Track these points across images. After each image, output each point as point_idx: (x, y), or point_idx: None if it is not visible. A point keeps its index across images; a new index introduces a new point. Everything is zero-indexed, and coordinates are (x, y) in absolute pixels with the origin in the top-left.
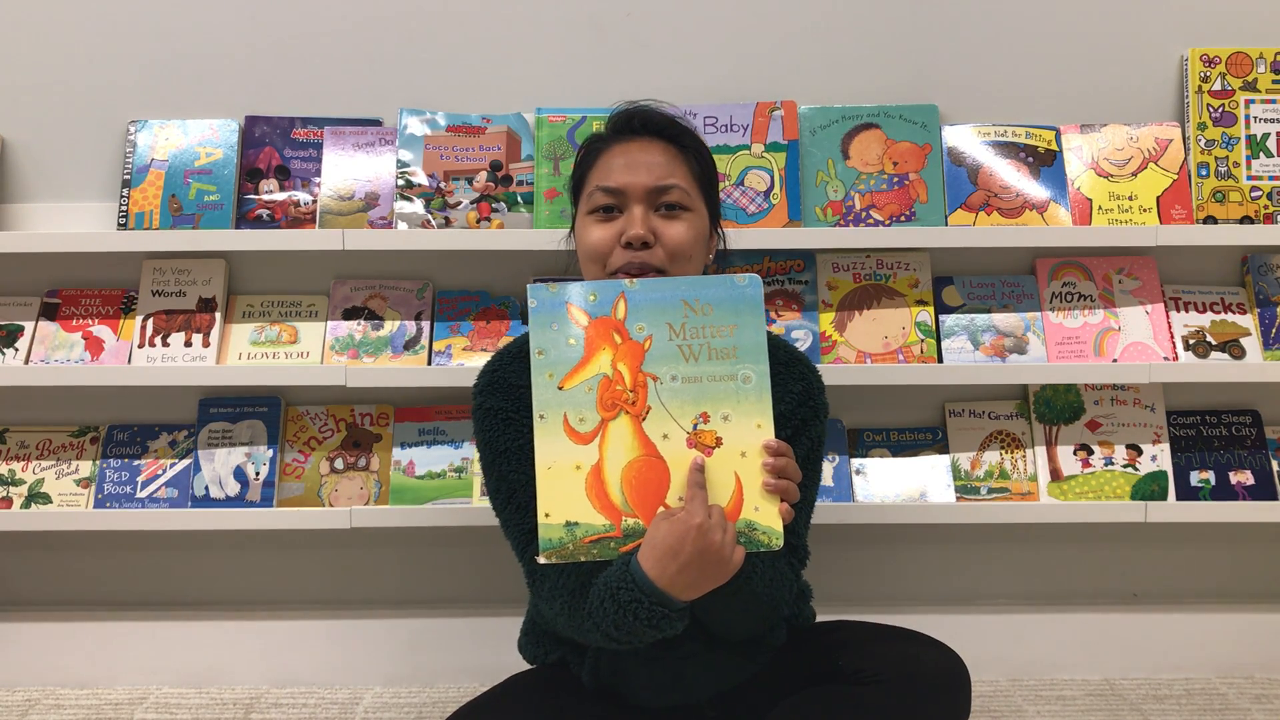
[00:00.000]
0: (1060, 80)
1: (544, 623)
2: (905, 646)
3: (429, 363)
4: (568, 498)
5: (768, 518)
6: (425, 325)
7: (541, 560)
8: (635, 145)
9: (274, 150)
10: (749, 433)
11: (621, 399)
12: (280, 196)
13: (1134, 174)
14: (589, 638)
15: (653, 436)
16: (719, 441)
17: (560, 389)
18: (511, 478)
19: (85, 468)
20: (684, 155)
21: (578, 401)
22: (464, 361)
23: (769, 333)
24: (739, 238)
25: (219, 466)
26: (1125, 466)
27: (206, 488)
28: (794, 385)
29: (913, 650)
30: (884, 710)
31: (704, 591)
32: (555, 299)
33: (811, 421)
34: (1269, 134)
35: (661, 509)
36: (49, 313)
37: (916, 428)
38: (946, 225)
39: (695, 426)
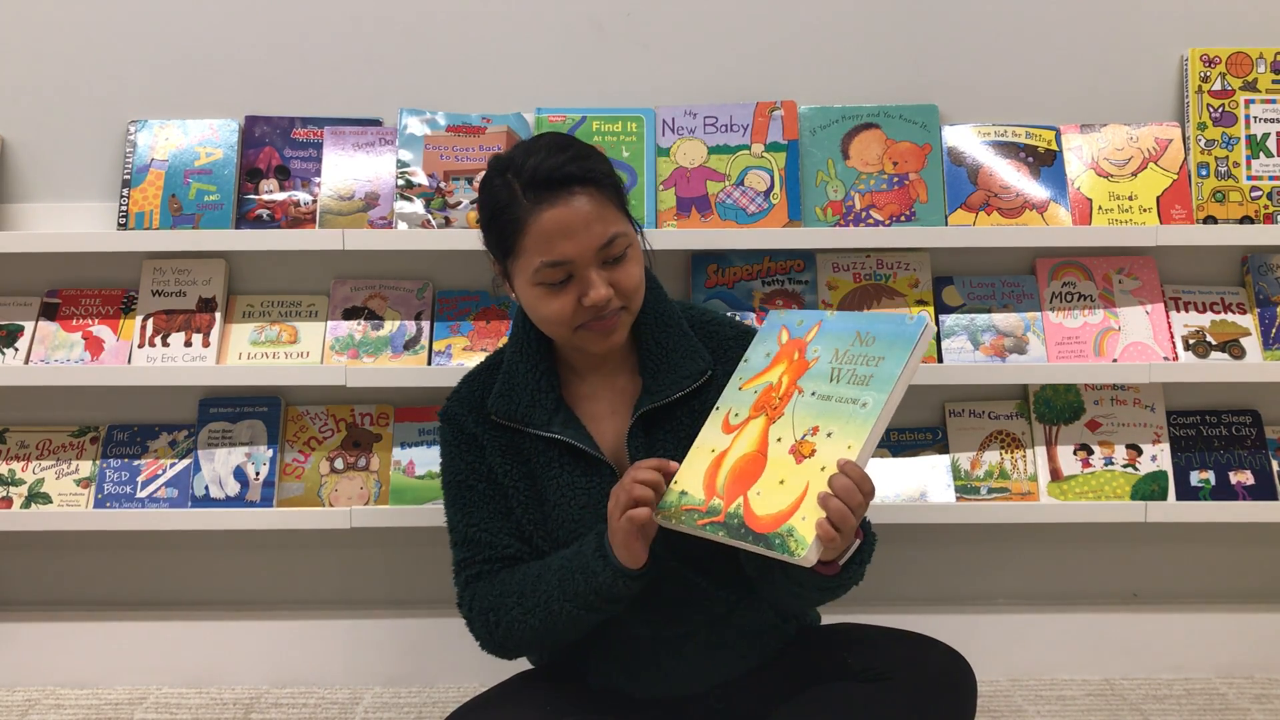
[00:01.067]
0: (1060, 80)
1: (484, 628)
2: (913, 647)
3: (429, 363)
4: (693, 473)
5: (805, 530)
6: (425, 325)
7: (657, 519)
8: (561, 207)
9: (274, 150)
10: (839, 451)
11: (770, 404)
12: (280, 196)
13: (1134, 174)
14: (518, 626)
15: (771, 438)
16: (813, 452)
17: (740, 389)
18: (450, 513)
19: (85, 468)
20: (605, 193)
21: (742, 400)
22: (464, 361)
23: (696, 308)
24: (739, 238)
25: (219, 466)
26: (1125, 466)
27: (206, 488)
28: (733, 349)
29: (921, 651)
30: (892, 707)
31: (635, 552)
32: (776, 320)
33: None
34: (1269, 134)
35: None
36: (49, 313)
37: (916, 428)
38: (946, 225)
39: (803, 437)
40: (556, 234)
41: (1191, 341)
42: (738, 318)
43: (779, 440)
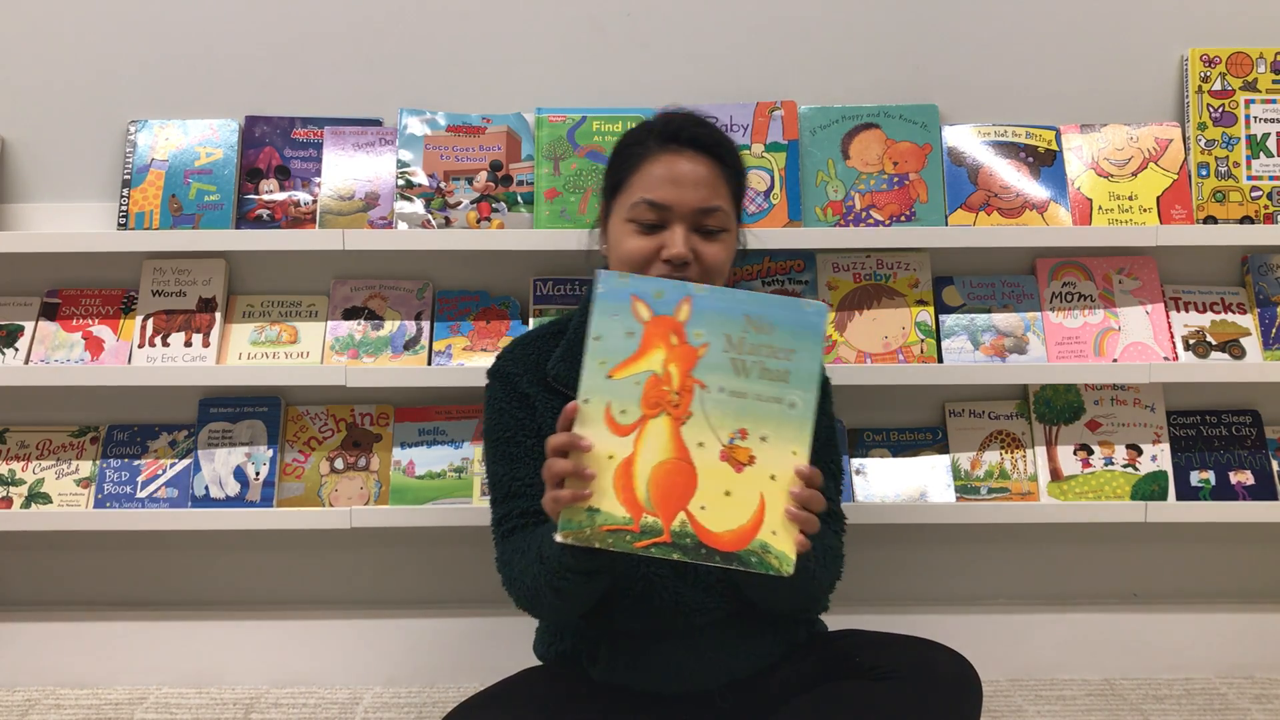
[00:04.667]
0: (1060, 80)
1: (507, 585)
2: (920, 650)
3: (429, 363)
4: (599, 486)
5: (783, 544)
6: (425, 325)
7: (558, 538)
8: (682, 159)
9: (274, 150)
10: (783, 457)
11: (666, 400)
12: (280, 196)
13: (1134, 174)
14: (526, 600)
15: (688, 442)
16: (752, 460)
17: (609, 378)
18: (494, 468)
19: (85, 468)
20: (725, 174)
21: (622, 393)
22: (464, 361)
23: None
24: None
25: (219, 466)
26: (1125, 466)
27: (206, 488)
28: None
29: (928, 653)
30: (901, 704)
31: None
32: (622, 288)
33: (822, 400)
34: (1269, 134)
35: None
36: (49, 313)
37: (916, 428)
38: (946, 225)
39: (731, 440)
40: (665, 179)
41: (1191, 341)
42: None
43: (700, 445)
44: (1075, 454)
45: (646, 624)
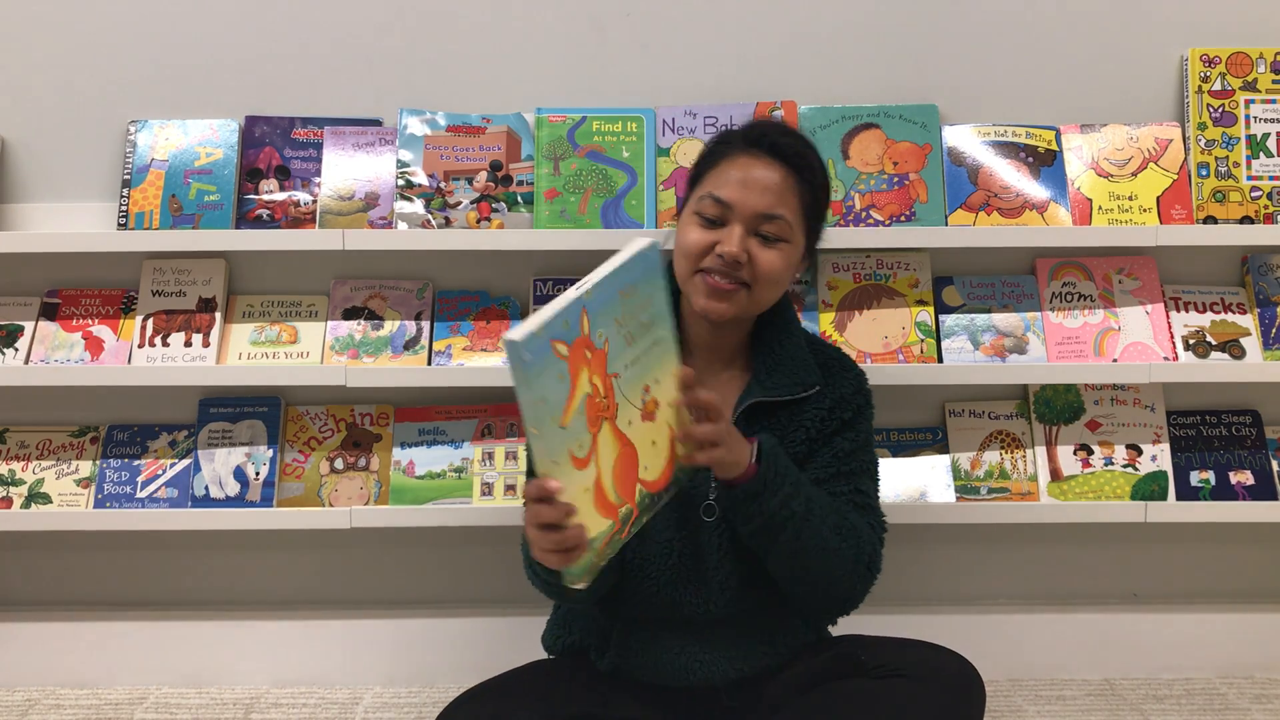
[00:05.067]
0: (1060, 80)
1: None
2: (925, 651)
3: (429, 363)
4: (587, 516)
5: (689, 452)
6: (425, 325)
7: (577, 587)
8: (758, 163)
9: (274, 150)
10: (671, 388)
11: (600, 409)
12: (280, 196)
13: (1134, 174)
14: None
15: (622, 428)
16: (656, 404)
17: (562, 427)
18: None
19: (85, 468)
20: (799, 186)
21: (575, 431)
22: (464, 361)
23: (816, 337)
24: None
25: (219, 466)
26: (1125, 466)
27: (206, 488)
28: (845, 384)
29: (932, 655)
30: (906, 702)
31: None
32: (540, 344)
33: (865, 409)
34: (1269, 134)
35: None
36: (49, 313)
37: (916, 428)
38: (946, 225)
39: (643, 401)
40: (734, 179)
41: (1191, 341)
42: None
43: (630, 423)
44: (1075, 454)
45: (654, 616)
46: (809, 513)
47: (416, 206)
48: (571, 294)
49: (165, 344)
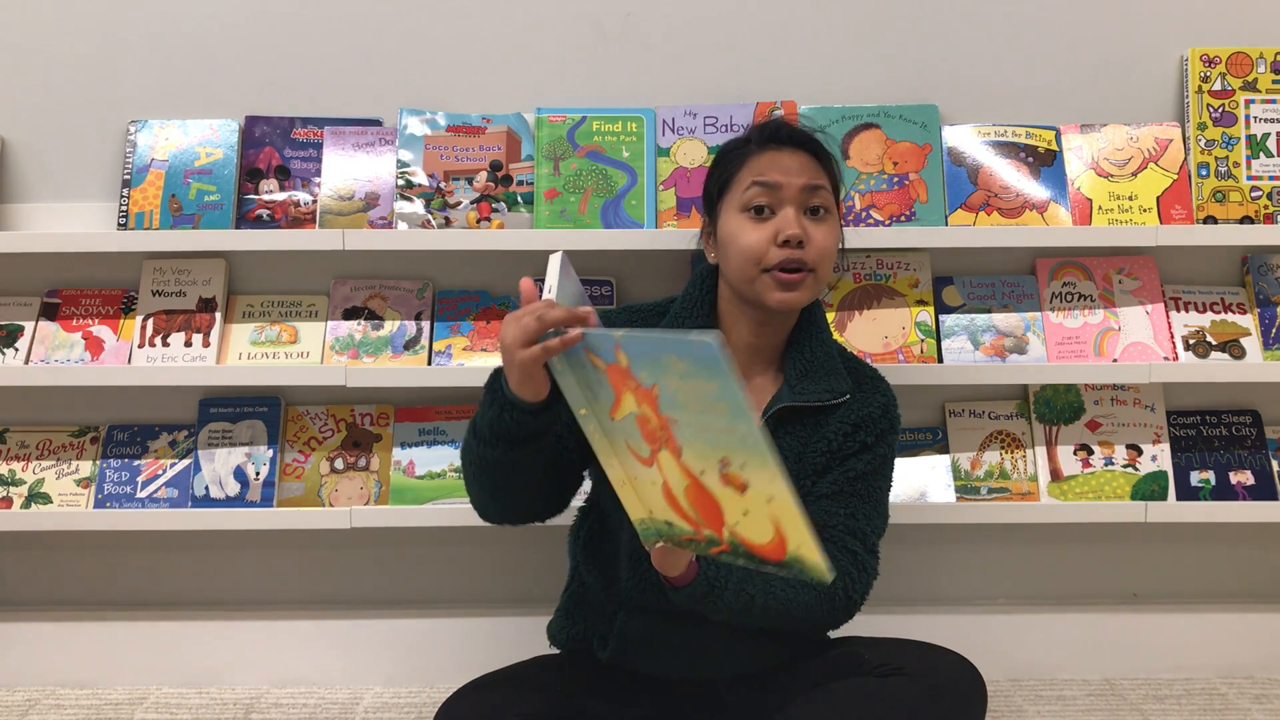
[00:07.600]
0: (1060, 80)
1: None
2: (927, 652)
3: (429, 363)
4: (658, 504)
5: (812, 555)
6: (425, 325)
7: (654, 547)
8: (783, 153)
9: (274, 150)
10: (768, 482)
11: (656, 436)
12: (280, 196)
13: (1134, 174)
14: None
15: (693, 470)
16: (746, 484)
17: (613, 419)
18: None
19: (85, 468)
20: (823, 164)
21: (628, 432)
22: (464, 361)
23: (851, 354)
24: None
25: (219, 466)
26: (1125, 466)
27: (206, 488)
28: (873, 403)
29: (934, 656)
30: (907, 700)
31: (527, 388)
32: (575, 348)
33: (889, 433)
34: (1269, 134)
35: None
36: (49, 313)
37: (916, 428)
38: (946, 225)
39: (723, 470)
40: (771, 165)
41: (1191, 341)
42: None
43: (703, 473)
44: (1075, 454)
45: (657, 606)
46: (769, 588)
47: (416, 206)
48: (612, 331)
49: (165, 344)
